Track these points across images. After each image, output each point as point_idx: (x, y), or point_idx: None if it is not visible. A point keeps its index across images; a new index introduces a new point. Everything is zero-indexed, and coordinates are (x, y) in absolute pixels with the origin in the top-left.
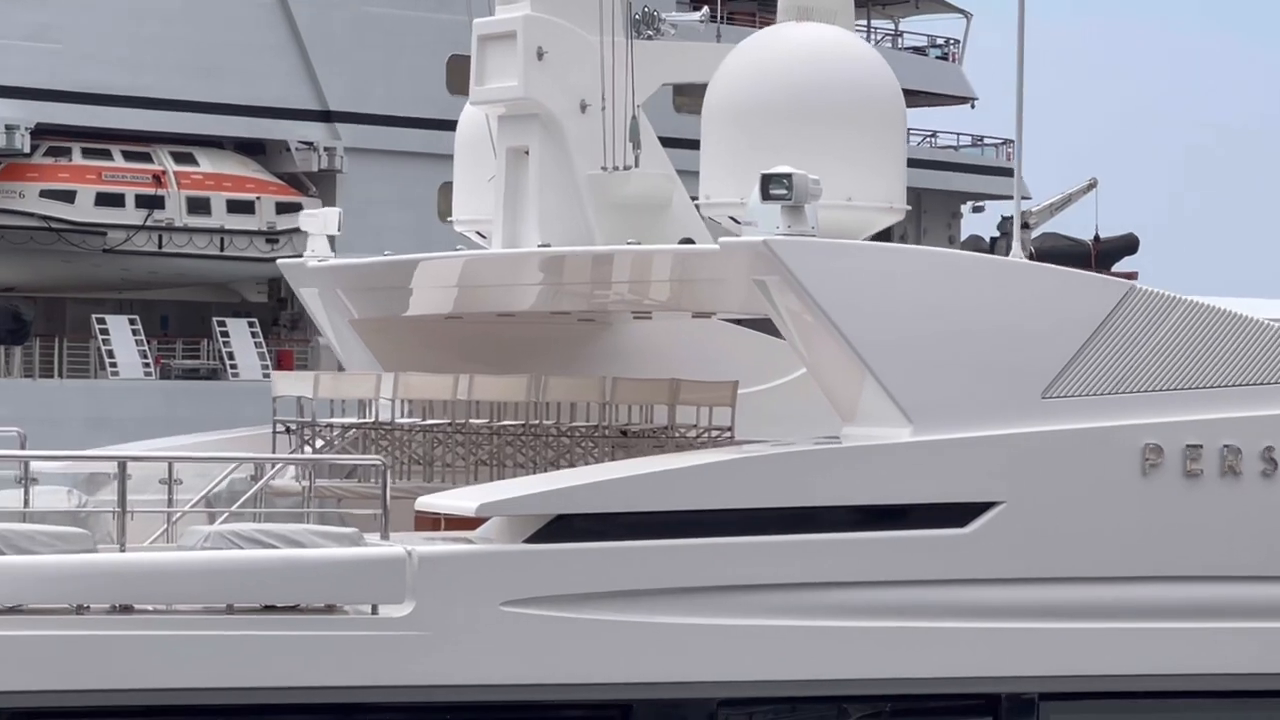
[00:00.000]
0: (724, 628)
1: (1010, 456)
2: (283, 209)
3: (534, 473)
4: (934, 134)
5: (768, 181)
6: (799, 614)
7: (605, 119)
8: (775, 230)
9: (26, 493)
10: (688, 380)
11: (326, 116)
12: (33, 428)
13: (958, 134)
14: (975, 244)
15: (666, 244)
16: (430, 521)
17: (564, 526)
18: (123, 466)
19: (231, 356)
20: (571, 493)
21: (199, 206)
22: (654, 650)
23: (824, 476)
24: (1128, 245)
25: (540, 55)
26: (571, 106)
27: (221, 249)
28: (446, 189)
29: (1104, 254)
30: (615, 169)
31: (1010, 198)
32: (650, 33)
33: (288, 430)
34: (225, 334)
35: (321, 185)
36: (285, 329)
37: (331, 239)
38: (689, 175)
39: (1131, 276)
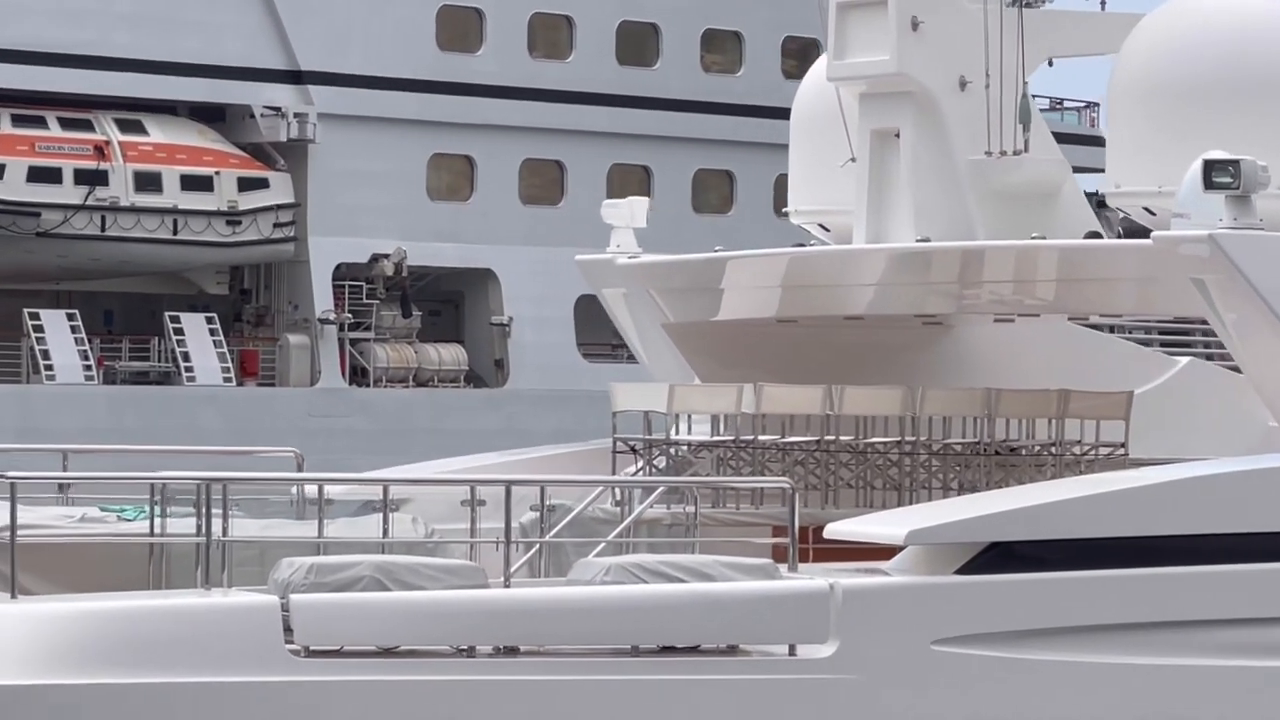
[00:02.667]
0: (1193, 670)
1: None
2: (246, 185)
3: (905, 494)
4: None
5: (1210, 168)
6: None
7: (989, 97)
8: (1218, 223)
9: (386, 521)
10: (1078, 390)
11: (296, 78)
12: None
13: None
14: None
15: (1059, 236)
16: (781, 551)
17: (998, 555)
18: (509, 491)
19: (186, 358)
20: (1010, 518)
21: (148, 183)
22: (1108, 694)
23: None
24: None
25: (915, 25)
26: (950, 83)
27: (174, 232)
28: (782, 180)
29: None
30: (1002, 154)
31: (1098, 169)
32: (1028, 1)
33: (633, 450)
34: (179, 331)
35: (291, 158)
36: (249, 325)
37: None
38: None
39: None
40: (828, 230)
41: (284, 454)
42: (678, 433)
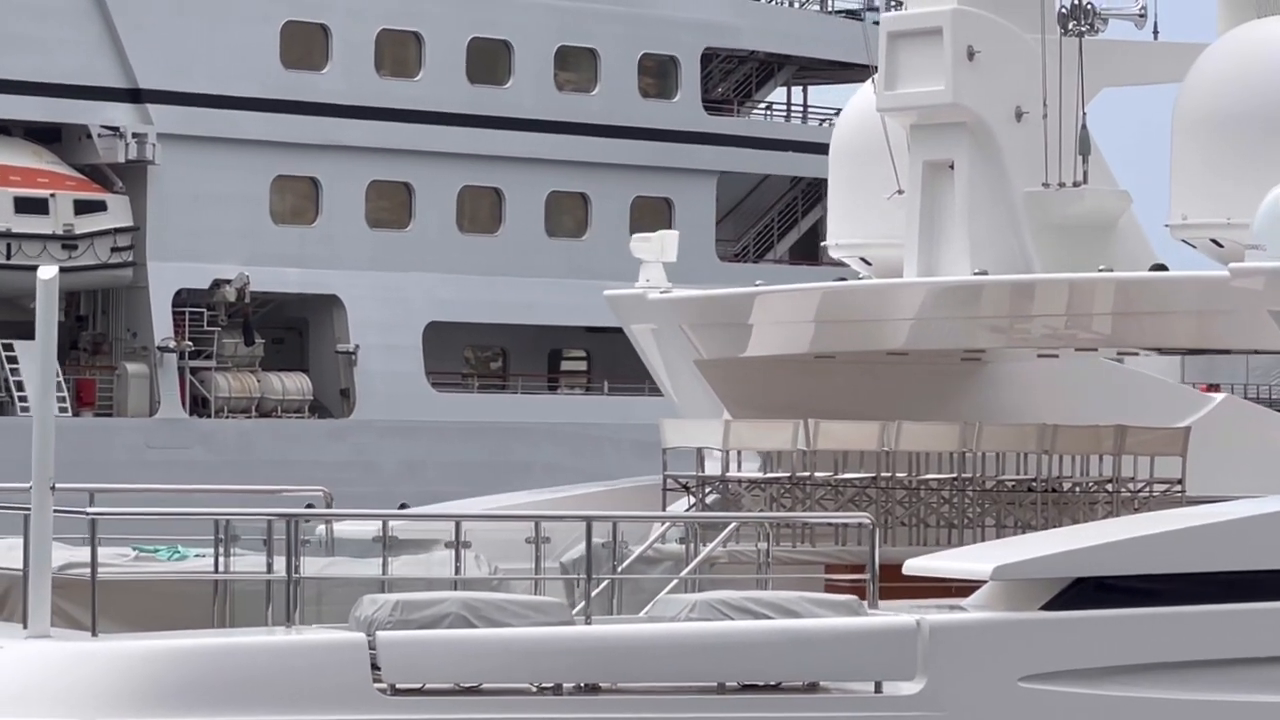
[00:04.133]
0: None
1: None
2: (83, 208)
3: (958, 531)
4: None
5: None
6: None
7: (1047, 128)
8: None
9: (458, 557)
10: (1134, 426)
11: (136, 96)
12: None
13: None
14: None
15: (1118, 269)
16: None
17: (1083, 591)
18: (590, 527)
19: (20, 387)
20: (1096, 553)
21: None
22: None
23: None
24: None
25: (971, 55)
26: (1006, 114)
27: (8, 256)
28: (640, 202)
29: None
30: (1061, 185)
31: None
32: (1084, 28)
33: (685, 488)
34: (13, 360)
35: (129, 180)
36: (86, 354)
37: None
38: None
39: None
40: (869, 264)
41: (312, 492)
42: (727, 469)
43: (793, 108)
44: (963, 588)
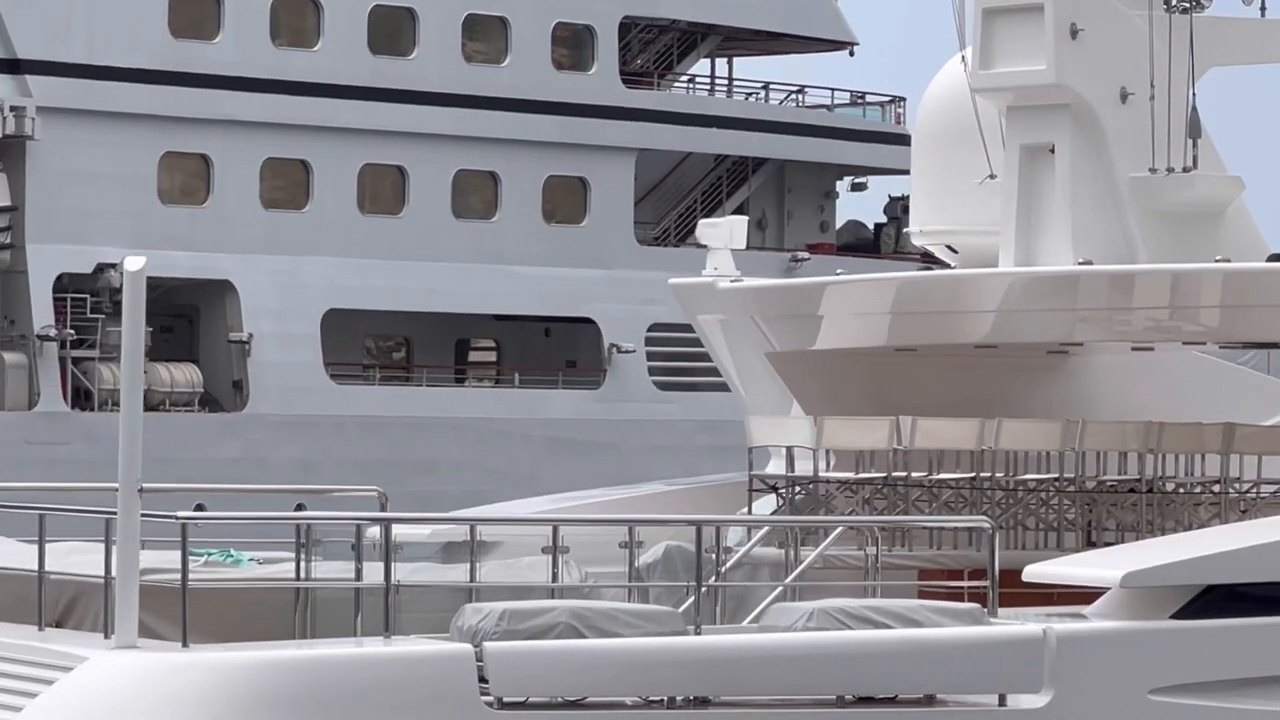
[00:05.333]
0: None
1: None
2: None
3: (1067, 533)
4: (801, 90)
5: None
6: None
7: (1154, 109)
8: None
9: (556, 564)
10: (1243, 424)
11: (13, 67)
12: None
13: (832, 89)
14: (855, 231)
15: (1227, 259)
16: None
17: (1216, 599)
18: (700, 532)
19: None
20: (1230, 559)
21: None
22: None
23: None
24: None
25: (1074, 33)
26: (1110, 95)
27: None
28: (552, 182)
29: None
30: (1168, 170)
31: (906, 171)
32: (1189, 4)
33: (773, 489)
34: None
35: (7, 156)
36: None
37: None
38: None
39: None
40: (955, 251)
41: (367, 493)
42: (816, 468)
43: (717, 81)
44: (1067, 594)
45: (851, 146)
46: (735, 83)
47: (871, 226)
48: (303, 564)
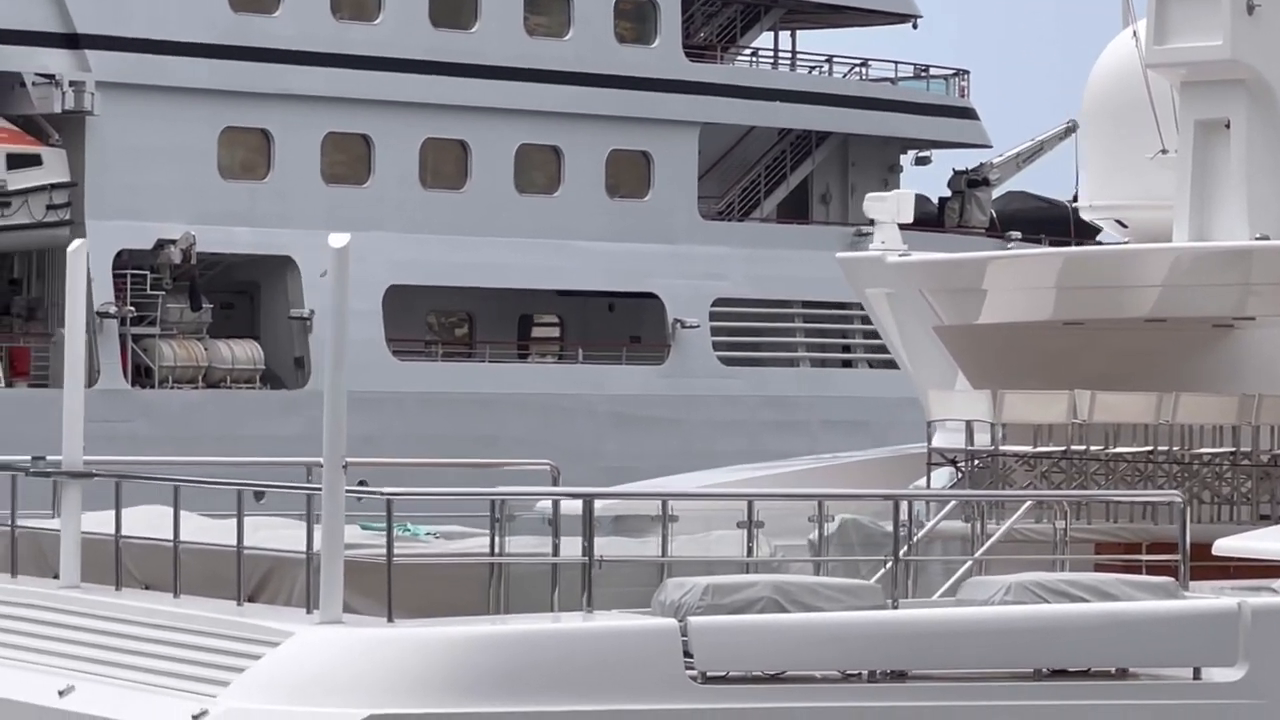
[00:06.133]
0: None
1: None
2: (16, 162)
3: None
4: (864, 63)
5: None
6: None
7: None
8: None
9: (751, 536)
10: None
11: (73, 42)
12: None
13: (896, 63)
14: (920, 205)
15: None
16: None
17: None
18: (897, 506)
19: None
20: None
21: None
22: None
23: None
24: None
25: (1250, 9)
26: None
27: None
28: (616, 156)
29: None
30: None
31: (970, 145)
32: None
33: (952, 462)
34: None
35: (67, 131)
36: (20, 320)
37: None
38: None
39: None
40: (1125, 226)
41: (539, 466)
42: (995, 442)
43: (780, 54)
44: (1243, 568)
45: (915, 120)
46: (799, 56)
47: (935, 200)
48: (495, 539)
